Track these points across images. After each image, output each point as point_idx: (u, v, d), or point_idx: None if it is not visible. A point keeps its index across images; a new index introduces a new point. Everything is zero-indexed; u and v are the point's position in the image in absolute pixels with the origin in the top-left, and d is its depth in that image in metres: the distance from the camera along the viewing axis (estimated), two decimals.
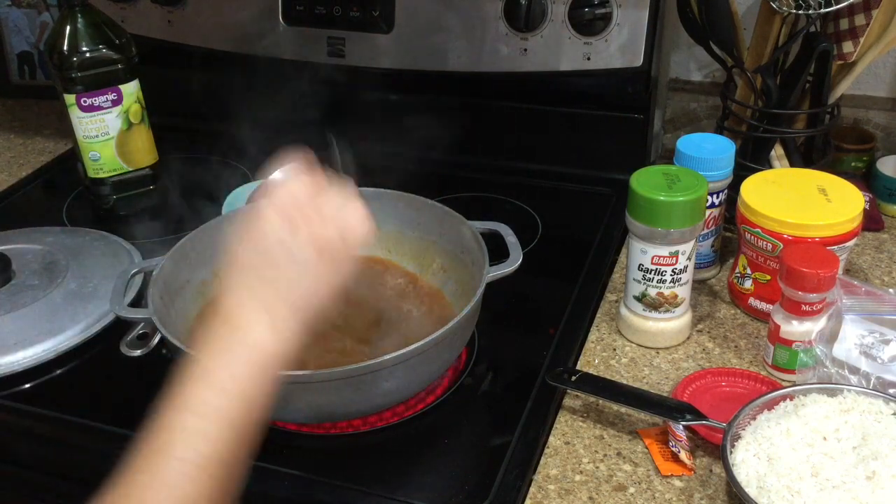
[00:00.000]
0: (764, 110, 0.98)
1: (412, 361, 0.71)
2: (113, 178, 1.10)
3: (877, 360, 0.77)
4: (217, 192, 1.04)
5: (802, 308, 0.79)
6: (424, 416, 0.78)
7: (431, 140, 1.13)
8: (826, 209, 0.85)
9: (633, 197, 0.81)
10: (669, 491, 0.70)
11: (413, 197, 0.91)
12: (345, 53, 1.14)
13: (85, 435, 0.79)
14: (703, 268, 0.96)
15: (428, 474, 0.74)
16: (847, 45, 0.96)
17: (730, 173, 0.90)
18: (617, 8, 1.03)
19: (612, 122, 1.13)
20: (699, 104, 1.24)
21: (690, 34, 1.04)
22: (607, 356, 0.86)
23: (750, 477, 0.66)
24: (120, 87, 1.05)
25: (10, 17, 1.41)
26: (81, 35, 1.02)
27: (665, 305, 0.85)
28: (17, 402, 0.83)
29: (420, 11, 1.10)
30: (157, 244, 1.02)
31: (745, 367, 0.84)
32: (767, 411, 0.72)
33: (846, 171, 1.11)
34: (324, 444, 0.77)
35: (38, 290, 0.93)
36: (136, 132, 1.09)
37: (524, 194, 1.12)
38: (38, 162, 1.29)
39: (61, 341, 0.87)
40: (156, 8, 1.21)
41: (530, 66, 1.08)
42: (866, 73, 1.10)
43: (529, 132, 1.17)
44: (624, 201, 0.83)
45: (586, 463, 0.74)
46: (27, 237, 1.03)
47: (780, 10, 0.93)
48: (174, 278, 0.82)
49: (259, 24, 1.17)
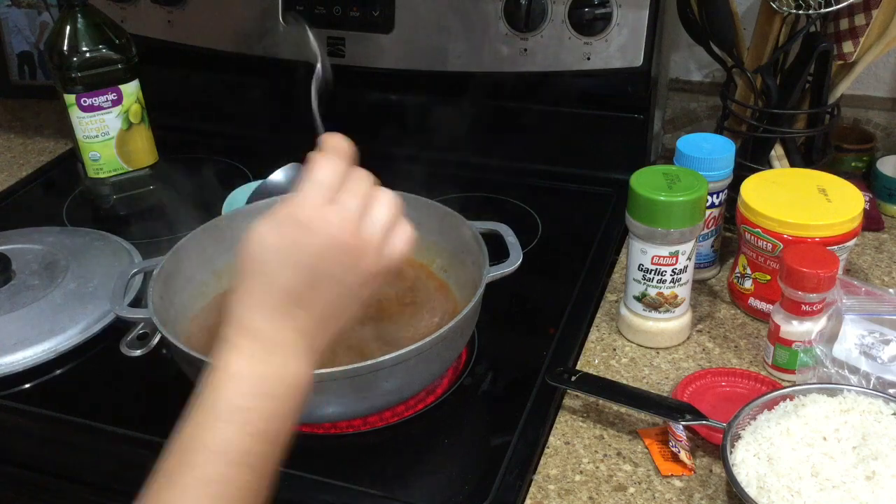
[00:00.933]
0: (764, 110, 0.98)
1: (412, 361, 0.71)
2: (113, 178, 1.10)
3: (877, 360, 0.77)
4: (217, 192, 1.04)
5: (802, 308, 0.79)
6: (424, 416, 0.78)
7: (431, 140, 1.13)
8: (826, 209, 0.85)
9: (633, 197, 0.81)
10: (669, 491, 0.70)
11: (413, 197, 0.91)
12: (345, 53, 1.14)
13: (85, 435, 0.78)
14: (703, 268, 0.96)
15: (428, 474, 0.74)
16: (847, 45, 0.96)
17: (730, 173, 0.90)
18: (617, 8, 1.03)
19: (612, 122, 1.13)
20: (699, 104, 1.24)
21: (690, 34, 1.04)
22: (607, 356, 0.86)
23: (750, 477, 0.66)
24: (120, 87, 1.05)
25: (10, 17, 1.41)
26: (81, 35, 1.02)
27: (665, 305, 0.85)
28: (17, 402, 0.83)
29: (420, 11, 1.10)
30: (157, 244, 1.02)
31: (745, 367, 0.84)
32: (767, 411, 0.72)
33: (846, 171, 1.11)
34: (324, 444, 0.77)
35: (38, 290, 0.93)
36: (136, 132, 1.09)
37: (524, 194, 1.12)
38: (38, 162, 1.29)
39: (61, 341, 0.87)
40: (156, 8, 1.21)
41: (530, 66, 1.08)
42: (866, 73, 1.10)
43: (529, 132, 1.17)
44: (624, 201, 0.83)
45: (586, 463, 0.74)
46: (27, 237, 1.03)
47: (780, 10, 0.93)
48: (174, 278, 0.82)
49: (259, 24, 1.17)
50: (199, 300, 0.85)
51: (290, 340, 0.53)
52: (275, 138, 1.28)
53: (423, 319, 0.85)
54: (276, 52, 1.17)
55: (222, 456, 0.49)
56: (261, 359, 0.52)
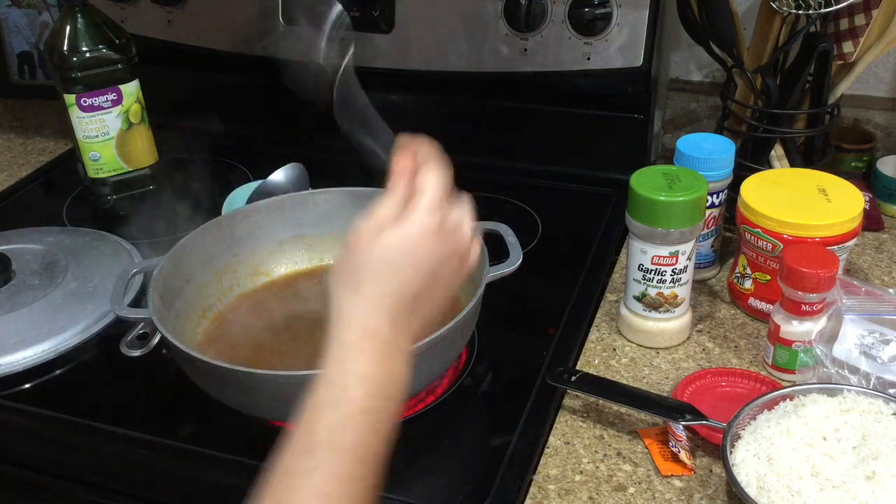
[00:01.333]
0: (764, 110, 0.98)
1: (412, 361, 0.71)
2: (113, 178, 1.10)
3: (877, 360, 0.77)
4: (217, 192, 1.04)
5: (802, 308, 0.79)
6: (424, 416, 0.78)
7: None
8: (826, 209, 0.85)
9: (633, 197, 0.81)
10: (669, 491, 0.70)
11: None
12: None
13: (85, 435, 0.78)
14: (703, 268, 0.96)
15: (428, 474, 0.74)
16: (847, 45, 0.96)
17: (730, 173, 0.90)
18: (617, 8, 1.03)
19: (612, 122, 1.13)
20: (699, 104, 1.24)
21: (690, 34, 1.04)
22: (607, 356, 0.86)
23: (750, 477, 0.66)
24: (120, 87, 1.05)
25: (10, 17, 1.41)
26: (81, 35, 1.02)
27: (665, 305, 0.85)
28: (17, 402, 0.83)
29: (420, 11, 1.10)
30: (157, 244, 1.02)
31: (745, 367, 0.84)
32: (767, 411, 0.72)
33: (846, 171, 1.11)
34: None
35: (38, 290, 0.93)
36: (136, 132, 1.09)
37: (524, 194, 1.12)
38: (38, 162, 1.29)
39: (61, 341, 0.87)
40: (156, 8, 1.21)
41: (530, 66, 1.08)
42: (866, 73, 1.10)
43: (529, 132, 1.17)
44: (624, 201, 0.83)
45: (586, 463, 0.74)
46: (27, 237, 1.03)
47: (780, 10, 0.93)
48: (174, 278, 0.82)
49: (259, 24, 1.17)
50: (199, 300, 0.85)
51: (405, 345, 0.56)
52: (275, 138, 1.28)
53: None
54: (276, 52, 1.17)
55: (353, 454, 0.51)
56: (383, 362, 0.54)
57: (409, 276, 0.55)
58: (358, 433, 0.51)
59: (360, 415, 0.52)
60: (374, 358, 0.54)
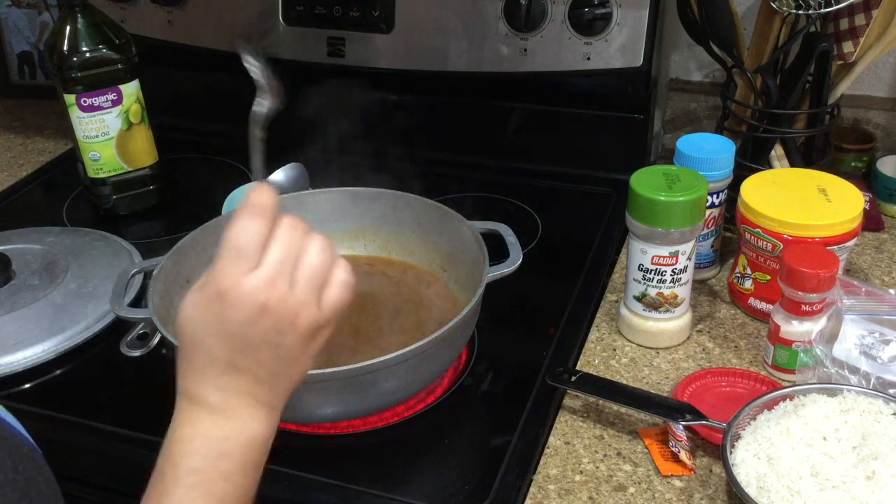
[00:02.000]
0: (764, 110, 0.98)
1: (412, 361, 0.71)
2: (113, 178, 1.10)
3: (877, 360, 0.77)
4: (217, 192, 1.04)
5: (802, 308, 0.79)
6: (424, 416, 0.78)
7: (431, 140, 1.13)
8: (826, 209, 0.85)
9: (633, 197, 0.81)
10: (669, 491, 0.70)
11: (413, 197, 0.91)
12: (345, 53, 1.14)
13: (85, 435, 0.79)
14: (703, 268, 0.96)
15: (428, 474, 0.74)
16: (847, 45, 0.96)
17: (730, 173, 0.90)
18: (617, 8, 1.03)
19: (612, 122, 1.13)
20: (699, 104, 1.24)
21: (690, 34, 1.04)
22: (607, 356, 0.86)
23: (750, 477, 0.66)
24: (120, 87, 1.05)
25: (10, 17, 1.41)
26: (81, 35, 1.02)
27: (665, 305, 0.85)
28: (17, 402, 0.82)
29: (420, 11, 1.10)
30: (157, 244, 1.02)
31: (745, 367, 0.84)
32: (767, 411, 0.72)
33: (846, 171, 1.11)
34: (324, 444, 0.77)
35: (38, 290, 0.93)
36: (136, 132, 1.09)
37: (524, 194, 1.12)
38: (38, 162, 1.29)
39: (61, 341, 0.87)
40: (156, 8, 1.21)
41: (530, 66, 1.08)
42: (866, 73, 1.10)
43: (529, 132, 1.17)
44: (624, 201, 0.83)
45: (586, 463, 0.74)
46: (27, 237, 1.03)
47: (780, 10, 0.93)
48: (174, 278, 0.82)
49: (259, 24, 1.17)
50: None
51: (239, 404, 0.54)
52: (275, 138, 1.28)
53: (423, 319, 0.85)
54: (276, 52, 1.17)
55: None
56: (215, 423, 0.53)
57: (218, 346, 0.53)
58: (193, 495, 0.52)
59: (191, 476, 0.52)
60: (204, 422, 0.53)
